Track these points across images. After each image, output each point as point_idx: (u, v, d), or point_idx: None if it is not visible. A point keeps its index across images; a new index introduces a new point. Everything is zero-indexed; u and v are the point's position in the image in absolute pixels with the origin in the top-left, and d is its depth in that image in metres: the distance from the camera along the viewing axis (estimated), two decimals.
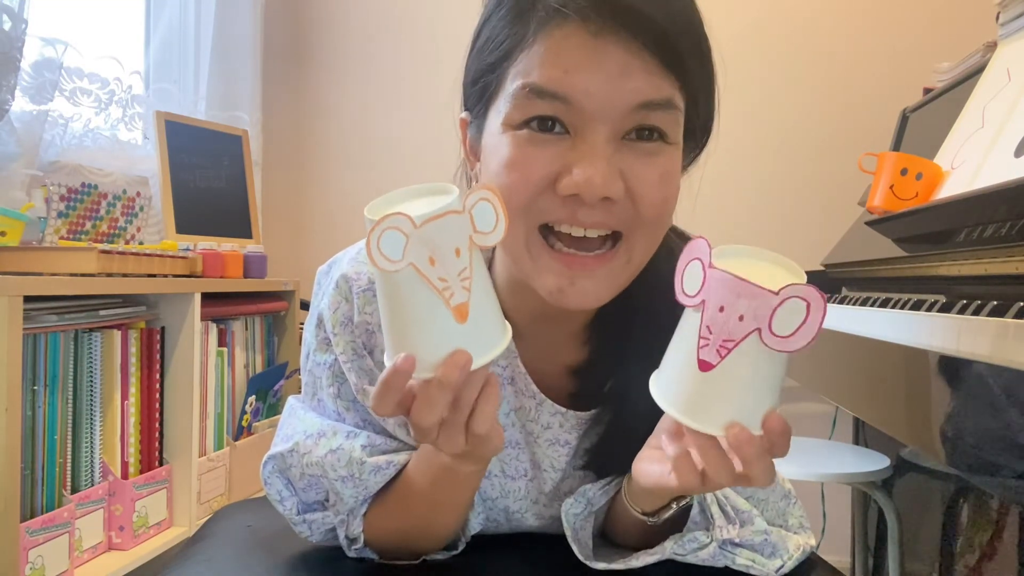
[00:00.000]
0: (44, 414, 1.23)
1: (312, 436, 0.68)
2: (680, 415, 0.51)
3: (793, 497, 0.73)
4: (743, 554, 0.67)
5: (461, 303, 0.50)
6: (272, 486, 0.70)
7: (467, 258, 0.50)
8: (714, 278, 0.49)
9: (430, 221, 0.48)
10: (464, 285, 0.50)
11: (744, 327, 0.48)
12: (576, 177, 0.56)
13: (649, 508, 0.65)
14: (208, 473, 1.57)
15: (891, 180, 1.19)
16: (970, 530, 1.54)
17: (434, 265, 0.49)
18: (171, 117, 1.82)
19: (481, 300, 0.51)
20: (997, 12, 1.22)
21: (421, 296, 0.49)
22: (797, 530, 0.71)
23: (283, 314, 1.95)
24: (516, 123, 0.58)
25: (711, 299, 0.49)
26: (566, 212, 0.58)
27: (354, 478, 0.66)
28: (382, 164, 2.29)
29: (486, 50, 0.62)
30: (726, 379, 0.50)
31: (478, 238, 0.50)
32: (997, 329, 0.64)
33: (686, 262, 0.51)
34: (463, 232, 0.50)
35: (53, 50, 1.52)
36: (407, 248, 0.48)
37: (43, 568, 1.17)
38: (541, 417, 0.70)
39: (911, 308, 0.91)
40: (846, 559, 1.96)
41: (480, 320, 0.51)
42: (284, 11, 2.31)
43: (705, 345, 0.50)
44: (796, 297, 0.47)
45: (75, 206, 1.50)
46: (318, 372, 0.70)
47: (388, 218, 0.48)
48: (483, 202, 0.50)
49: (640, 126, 0.57)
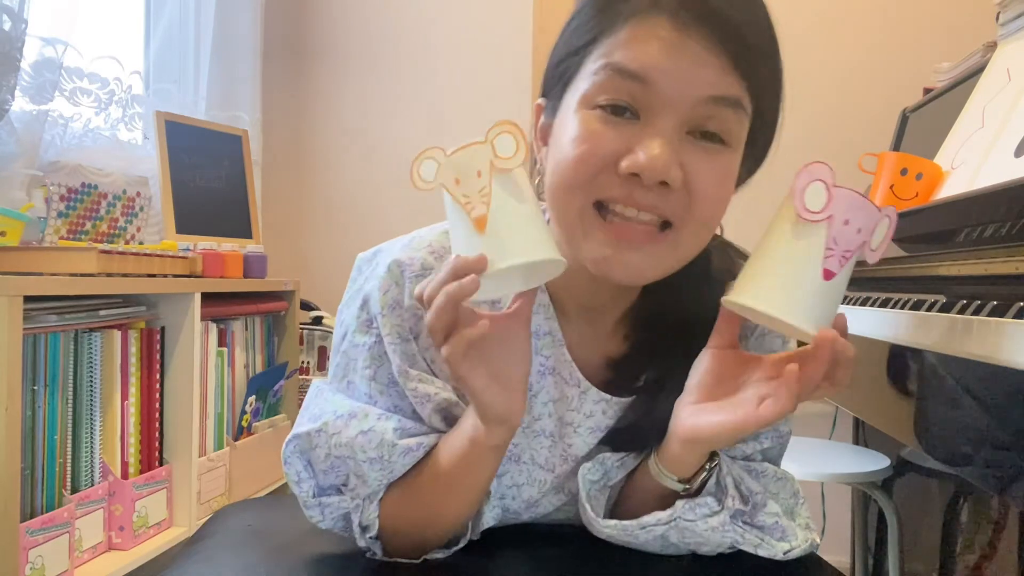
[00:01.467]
0: (44, 414, 1.23)
1: (343, 417, 0.68)
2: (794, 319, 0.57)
3: (802, 498, 0.74)
4: (753, 532, 0.67)
5: (480, 215, 0.57)
6: (292, 466, 0.69)
7: (487, 179, 0.58)
8: (842, 195, 0.57)
9: (457, 151, 0.58)
10: (483, 200, 0.57)
11: (859, 239, 0.57)
12: (639, 156, 0.59)
13: (686, 472, 0.67)
14: (208, 473, 1.57)
15: (891, 180, 1.19)
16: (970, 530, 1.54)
17: (459, 185, 0.58)
18: (171, 117, 1.82)
19: (506, 214, 0.58)
20: (997, 12, 1.22)
21: (453, 213, 0.59)
22: (804, 529, 0.72)
23: (283, 314, 1.95)
24: (592, 102, 0.61)
25: (838, 214, 0.57)
26: (624, 191, 0.60)
27: (383, 460, 0.66)
28: (382, 164, 2.29)
29: (574, 35, 0.65)
30: (836, 287, 0.58)
31: (499, 162, 0.58)
32: (997, 329, 0.64)
33: (807, 182, 0.58)
34: (484, 158, 0.58)
35: (53, 50, 1.52)
36: (438, 172, 0.58)
37: (43, 568, 1.17)
38: (584, 406, 0.71)
39: (911, 308, 0.91)
40: (846, 559, 1.96)
41: (502, 232, 0.57)
42: (284, 11, 2.31)
43: (831, 255, 0.57)
44: (887, 216, 0.58)
45: (75, 206, 1.50)
46: (354, 353, 0.70)
47: (426, 151, 0.58)
48: (505, 134, 0.58)
49: (706, 126, 0.61)
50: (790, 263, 0.58)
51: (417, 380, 0.68)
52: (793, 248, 0.58)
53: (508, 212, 0.58)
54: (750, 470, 0.71)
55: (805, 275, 0.57)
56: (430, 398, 0.68)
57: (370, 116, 2.31)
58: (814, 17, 2.13)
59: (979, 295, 0.79)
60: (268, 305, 1.85)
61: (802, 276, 0.58)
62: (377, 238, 0.74)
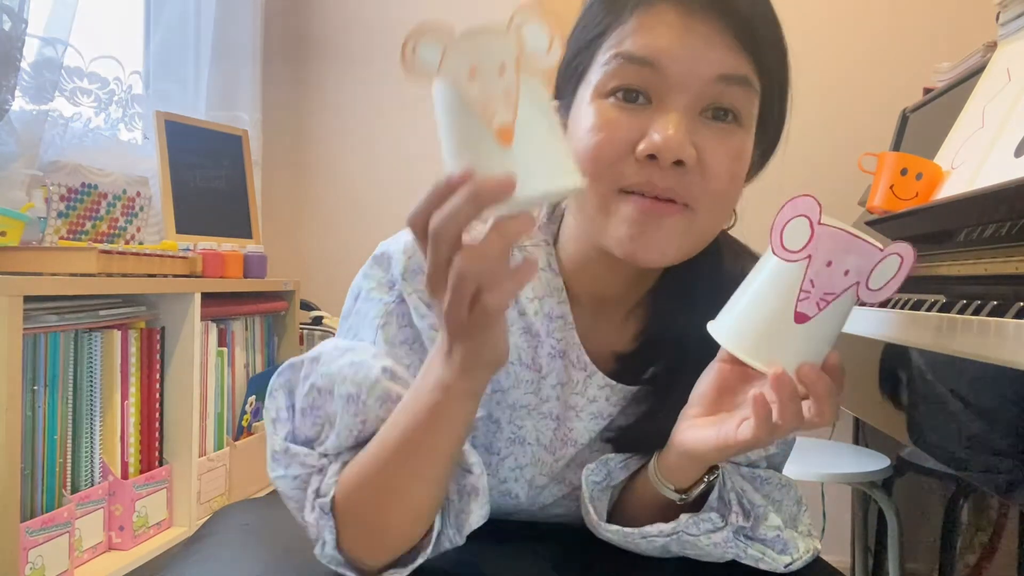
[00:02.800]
0: (44, 414, 1.23)
1: (340, 349, 0.66)
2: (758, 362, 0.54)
3: (804, 505, 0.74)
4: (754, 547, 0.67)
5: (505, 124, 0.45)
6: (275, 399, 0.66)
7: (513, 78, 0.46)
8: (825, 234, 0.52)
9: (472, 34, 0.46)
10: (509, 104, 0.45)
11: (847, 281, 0.53)
12: (654, 137, 0.60)
13: (684, 483, 0.66)
14: (208, 473, 1.57)
15: (891, 180, 1.19)
16: (970, 530, 1.54)
17: (474, 79, 0.45)
18: (171, 117, 1.82)
19: (533, 129, 0.47)
20: (997, 12, 1.22)
21: (462, 116, 0.46)
22: (806, 536, 0.72)
23: (283, 314, 1.95)
24: (605, 91, 0.62)
25: (819, 254, 0.53)
26: (642, 176, 0.61)
27: (358, 400, 0.62)
28: (382, 164, 2.29)
29: (583, 32, 0.66)
30: (813, 329, 0.53)
31: (529, 59, 0.47)
32: (997, 329, 0.64)
33: (789, 218, 0.54)
34: (508, 50, 0.46)
35: (53, 50, 1.52)
36: (444, 57, 0.45)
37: (43, 568, 1.17)
38: (588, 390, 0.72)
39: (910, 308, 0.91)
40: (846, 559, 1.96)
41: (532, 149, 0.47)
42: (284, 11, 2.31)
43: (806, 298, 0.53)
44: (895, 253, 0.52)
45: (75, 206, 1.50)
46: (367, 306, 0.69)
47: (423, 24, 0.45)
48: (533, 23, 0.47)
49: (717, 103, 0.62)
50: (762, 302, 0.55)
51: None
52: (767, 287, 0.55)
53: (536, 123, 0.47)
54: (754, 478, 0.71)
55: (775, 318, 0.54)
56: None
57: (370, 116, 2.31)
58: (814, 17, 2.13)
59: (979, 295, 0.79)
60: (268, 305, 1.85)
61: (772, 319, 0.54)
62: (377, 238, 0.74)
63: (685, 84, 0.61)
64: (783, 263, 0.54)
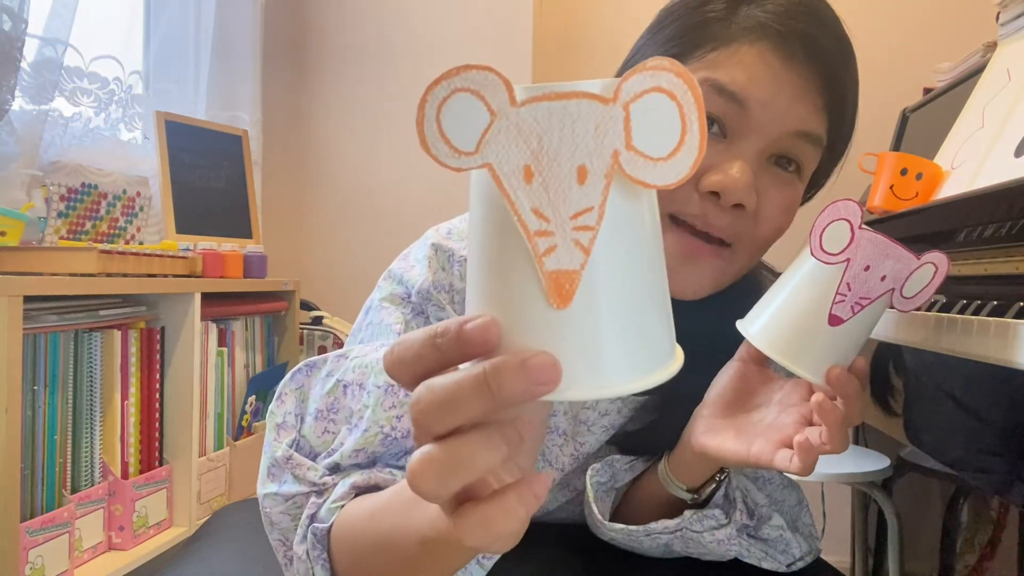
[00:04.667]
0: (44, 414, 1.23)
1: (373, 346, 0.62)
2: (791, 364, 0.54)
3: (806, 505, 0.74)
4: (757, 546, 0.67)
5: (566, 270, 0.28)
6: (283, 403, 0.61)
7: (599, 191, 0.28)
8: (865, 239, 0.53)
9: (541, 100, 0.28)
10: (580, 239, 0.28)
11: (883, 287, 0.53)
12: (722, 177, 0.59)
13: (695, 482, 0.66)
14: (208, 473, 1.57)
15: (891, 180, 1.19)
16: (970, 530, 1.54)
17: (530, 183, 0.28)
18: (171, 117, 1.82)
19: (616, 282, 0.29)
20: (997, 12, 1.22)
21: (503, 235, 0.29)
22: (807, 538, 0.72)
23: (283, 314, 1.95)
24: None
25: (858, 258, 0.53)
26: (700, 210, 0.61)
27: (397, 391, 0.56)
28: (383, 164, 2.29)
29: (668, 42, 0.64)
30: (846, 333, 0.54)
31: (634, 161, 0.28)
32: (997, 329, 0.64)
33: (829, 220, 0.54)
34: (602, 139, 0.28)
35: (53, 50, 1.52)
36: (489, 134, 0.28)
37: (43, 568, 1.17)
38: (600, 404, 0.71)
39: None
40: (846, 559, 1.96)
41: (602, 316, 0.29)
42: (284, 11, 2.31)
43: (841, 301, 0.53)
44: (930, 263, 0.54)
45: (75, 206, 1.50)
46: (383, 314, 0.64)
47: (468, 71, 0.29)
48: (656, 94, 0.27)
49: (787, 154, 0.62)
50: (797, 304, 0.55)
51: None
52: (803, 288, 0.55)
53: (622, 276, 0.29)
54: (757, 478, 0.71)
55: (809, 320, 0.54)
56: None
57: (370, 116, 2.31)
58: None
59: (979, 295, 0.79)
60: (268, 305, 1.85)
61: (806, 320, 0.54)
62: (377, 238, 0.74)
63: (765, 131, 0.60)
64: (821, 265, 0.54)
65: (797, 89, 0.60)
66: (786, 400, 0.60)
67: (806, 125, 0.61)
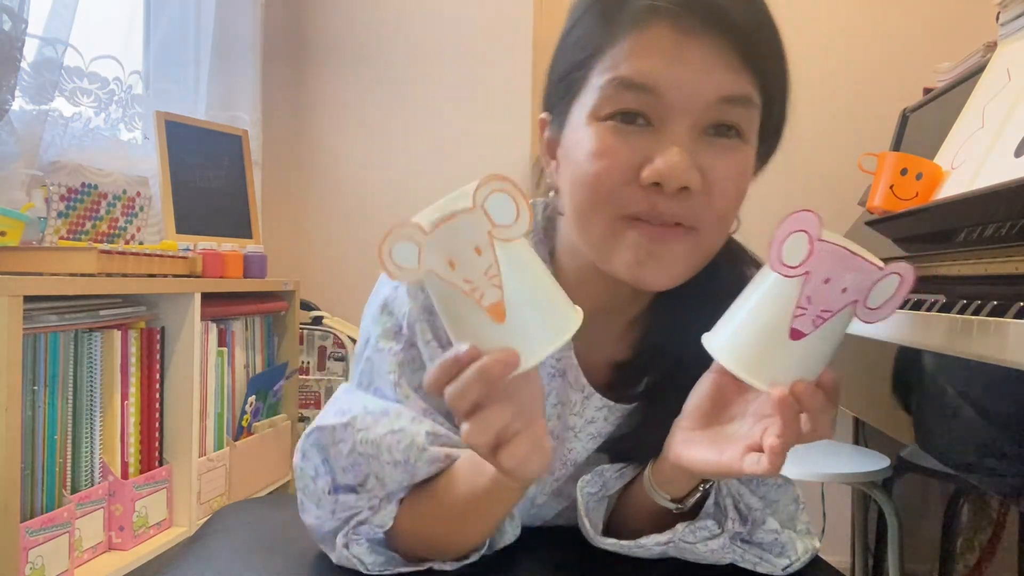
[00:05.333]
0: (44, 414, 1.23)
1: (373, 414, 0.65)
2: (755, 379, 0.54)
3: (802, 503, 0.74)
4: (752, 551, 0.67)
5: (494, 302, 0.48)
6: (310, 460, 0.66)
7: (490, 255, 0.48)
8: (825, 250, 0.51)
9: (441, 225, 0.47)
10: (494, 283, 0.48)
11: (844, 299, 0.52)
12: (658, 165, 0.58)
13: (679, 493, 0.66)
14: (208, 473, 1.57)
15: (891, 180, 1.19)
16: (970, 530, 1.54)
17: (455, 269, 0.48)
18: (171, 117, 1.82)
19: (523, 295, 0.49)
20: (997, 12, 1.22)
21: (452, 300, 0.49)
22: (804, 536, 0.72)
23: (283, 314, 1.95)
24: (602, 115, 0.60)
25: (817, 271, 0.52)
26: (647, 203, 0.60)
27: (408, 463, 0.64)
28: (382, 164, 2.29)
29: (575, 49, 0.64)
30: (809, 346, 0.53)
31: (499, 232, 0.48)
32: (997, 329, 0.64)
33: (788, 232, 0.52)
34: (479, 229, 0.48)
35: (53, 50, 1.52)
36: (422, 256, 0.47)
37: (43, 568, 1.17)
38: (587, 411, 0.71)
39: (911, 308, 0.91)
40: (846, 559, 1.96)
41: (525, 316, 0.49)
42: (284, 11, 2.31)
43: (801, 315, 0.52)
44: (894, 272, 0.51)
45: (75, 206, 1.50)
46: (378, 359, 0.68)
47: (396, 229, 0.47)
48: (497, 194, 0.48)
49: (719, 122, 0.60)
50: (758, 318, 0.55)
51: None
52: (764, 302, 0.54)
53: (524, 290, 0.49)
54: (750, 480, 0.70)
55: (770, 334, 0.53)
56: None
57: (370, 116, 2.31)
58: (814, 18, 2.13)
59: (979, 295, 0.79)
60: (268, 305, 1.85)
61: (767, 335, 0.54)
62: (377, 238, 0.74)
63: (686, 108, 0.59)
64: (781, 278, 0.53)
65: (705, 57, 0.58)
66: (761, 411, 0.60)
67: (727, 90, 0.59)
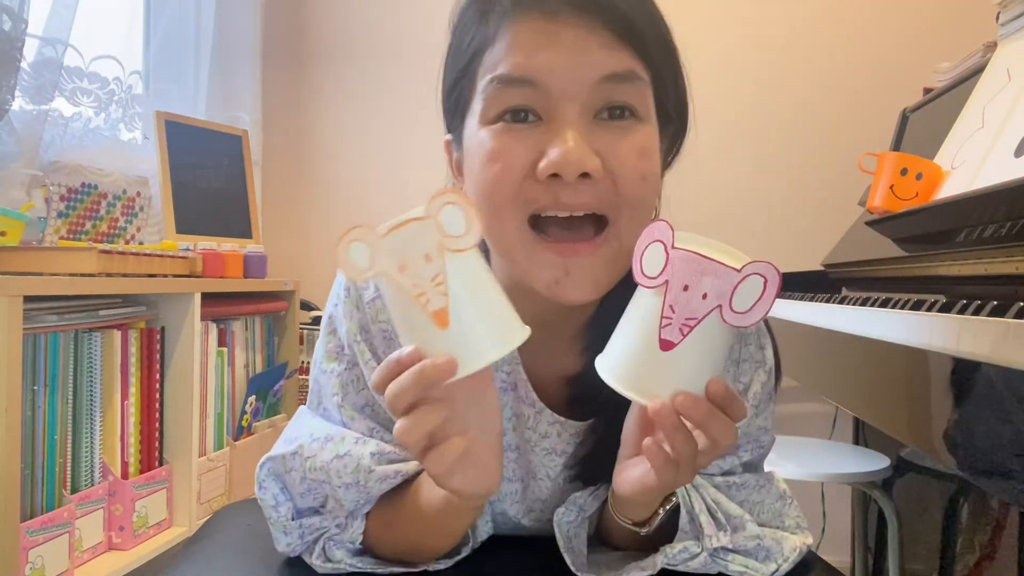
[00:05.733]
0: (44, 414, 1.23)
1: (319, 440, 0.66)
2: (636, 394, 0.53)
3: (789, 497, 0.73)
4: (736, 560, 0.66)
5: (438, 308, 0.49)
6: (267, 489, 0.68)
7: (439, 263, 0.50)
8: (679, 258, 0.51)
9: (393, 230, 0.50)
10: (440, 291, 0.49)
11: (707, 305, 0.51)
12: (552, 156, 0.57)
13: (638, 517, 0.65)
14: (208, 473, 1.57)
15: (891, 180, 1.19)
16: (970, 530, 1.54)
17: (404, 272, 0.49)
18: (171, 117, 1.82)
19: (468, 304, 0.50)
20: (997, 12, 1.22)
21: (401, 304, 0.51)
22: (794, 531, 0.71)
23: (283, 314, 1.95)
24: (491, 118, 0.60)
25: (675, 279, 0.51)
26: (550, 196, 0.58)
27: (359, 485, 0.65)
28: (382, 164, 2.29)
29: (455, 58, 0.64)
30: (684, 356, 0.52)
31: (449, 242, 0.50)
32: (997, 329, 0.64)
33: (646, 244, 0.53)
34: (430, 237, 0.50)
35: (53, 50, 1.52)
36: (374, 258, 0.49)
37: (43, 568, 1.17)
38: (539, 426, 0.70)
39: (911, 308, 0.91)
40: (846, 559, 1.96)
41: (467, 326, 0.50)
42: (284, 11, 2.31)
43: (668, 325, 0.52)
44: (756, 274, 0.50)
45: (75, 206, 1.50)
46: (323, 380, 0.70)
47: (352, 230, 0.50)
48: (449, 206, 0.50)
49: (609, 103, 0.59)
50: (631, 333, 0.54)
51: None
52: (634, 316, 0.54)
53: (469, 301, 0.50)
54: (729, 486, 0.69)
55: (642, 347, 0.53)
56: None
57: (370, 116, 2.31)
58: (814, 17, 2.13)
59: (979, 295, 0.79)
60: (268, 305, 1.85)
61: (640, 347, 0.53)
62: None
63: (570, 94, 0.58)
64: (647, 291, 0.53)
65: (576, 40, 0.57)
66: None
67: (606, 68, 0.58)
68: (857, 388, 1.10)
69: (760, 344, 0.73)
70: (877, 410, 1.01)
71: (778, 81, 2.12)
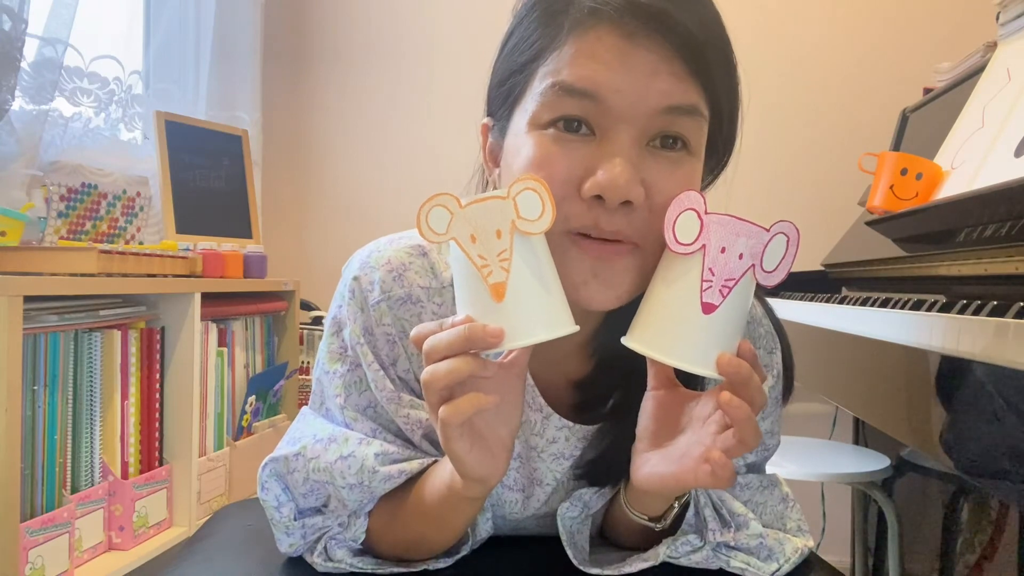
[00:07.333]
0: (44, 414, 1.23)
1: (322, 441, 0.67)
2: (681, 362, 0.54)
3: (791, 500, 0.73)
4: (738, 557, 0.67)
5: (498, 282, 0.53)
6: (270, 490, 0.68)
7: (507, 240, 0.53)
8: (714, 221, 0.54)
9: (474, 203, 0.53)
10: (503, 266, 0.53)
11: (743, 265, 0.54)
12: (600, 178, 0.56)
13: (654, 512, 0.66)
14: (208, 473, 1.57)
15: (891, 180, 1.19)
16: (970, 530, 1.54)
17: (475, 243, 0.53)
18: (171, 117, 1.82)
19: (526, 284, 0.53)
20: (997, 12, 1.22)
21: (465, 271, 0.54)
22: (795, 533, 0.71)
23: (283, 314, 1.95)
24: (543, 122, 0.58)
25: (712, 242, 0.54)
26: (590, 218, 0.58)
27: (363, 486, 0.65)
28: (382, 163, 2.29)
29: (516, 52, 0.62)
30: (722, 318, 0.54)
31: (522, 224, 0.53)
32: (997, 329, 0.64)
33: (678, 212, 0.55)
34: (505, 216, 0.53)
35: (53, 50, 1.52)
36: (451, 224, 0.53)
37: (43, 568, 1.17)
38: (547, 431, 0.69)
39: (911, 308, 0.91)
40: (846, 559, 1.96)
41: (521, 303, 0.53)
42: (284, 11, 2.31)
43: (708, 287, 0.54)
44: (781, 233, 0.54)
45: (75, 206, 1.50)
46: (326, 381, 0.70)
47: (437, 196, 0.53)
48: (528, 191, 0.53)
49: (665, 132, 0.58)
50: (668, 301, 0.55)
51: (409, 406, 0.67)
52: (671, 285, 0.55)
53: (528, 281, 0.53)
54: (733, 486, 0.69)
55: (683, 312, 0.54)
56: (421, 424, 0.67)
57: (370, 116, 2.31)
58: (814, 17, 2.13)
59: (979, 295, 0.79)
60: (268, 305, 1.85)
61: (680, 314, 0.54)
62: (377, 237, 0.74)
63: (630, 117, 0.56)
64: (681, 258, 0.55)
65: (649, 65, 0.56)
66: (702, 413, 0.58)
67: (672, 99, 0.57)
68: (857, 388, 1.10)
69: (769, 348, 0.73)
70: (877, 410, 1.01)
71: (778, 81, 2.12)
